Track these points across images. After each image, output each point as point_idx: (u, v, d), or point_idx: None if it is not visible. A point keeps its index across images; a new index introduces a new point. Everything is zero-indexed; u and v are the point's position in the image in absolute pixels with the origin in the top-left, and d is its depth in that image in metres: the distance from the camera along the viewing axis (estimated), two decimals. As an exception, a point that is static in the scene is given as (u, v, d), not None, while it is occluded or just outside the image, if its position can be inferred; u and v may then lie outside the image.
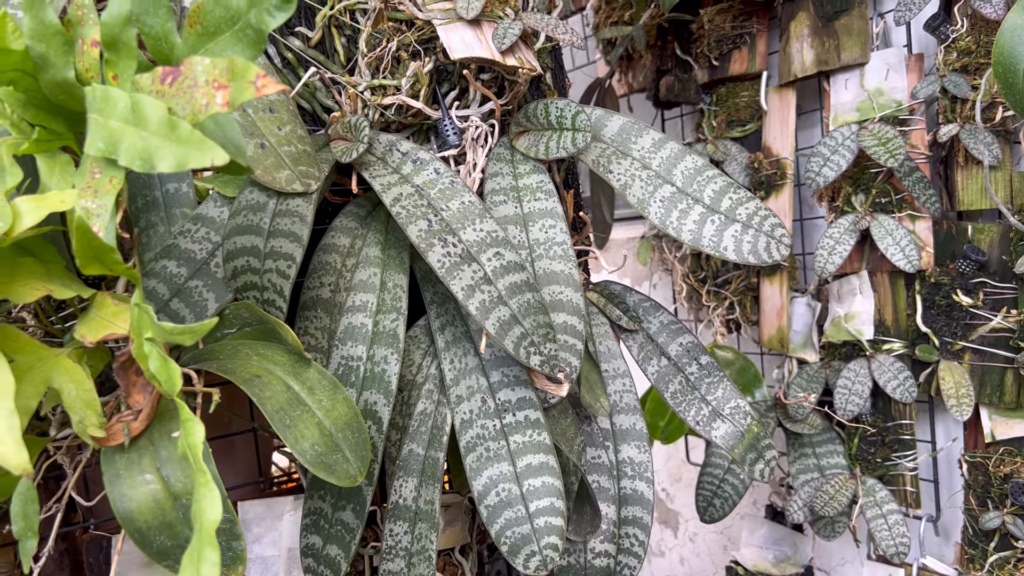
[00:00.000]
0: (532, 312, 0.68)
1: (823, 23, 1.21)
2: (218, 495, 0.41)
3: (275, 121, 0.67)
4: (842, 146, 1.14)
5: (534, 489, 0.71)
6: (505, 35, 0.75)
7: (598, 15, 1.65)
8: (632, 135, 0.81)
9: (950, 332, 1.10)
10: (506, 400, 0.74)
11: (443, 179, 0.72)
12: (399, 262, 0.74)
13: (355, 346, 0.70)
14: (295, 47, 0.78)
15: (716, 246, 0.75)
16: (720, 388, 0.86)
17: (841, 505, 1.14)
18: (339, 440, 0.61)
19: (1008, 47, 0.88)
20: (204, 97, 0.41)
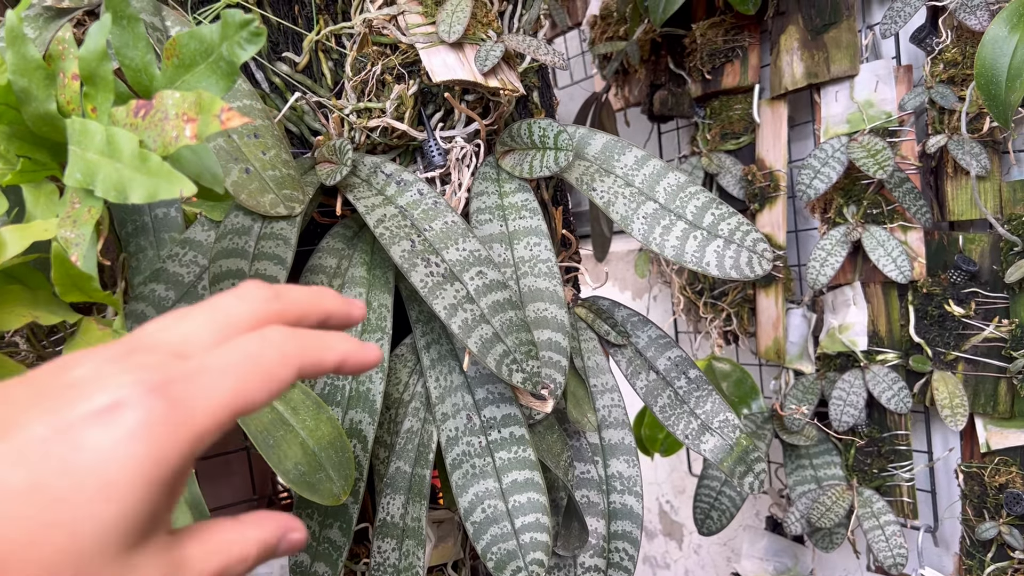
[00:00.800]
0: (515, 330, 0.69)
1: (812, 36, 1.21)
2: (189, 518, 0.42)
3: (260, 146, 0.68)
4: (832, 158, 1.15)
5: (520, 505, 0.72)
6: (487, 57, 0.76)
7: (594, 31, 1.67)
8: (615, 153, 0.82)
9: (943, 342, 1.10)
10: (491, 417, 0.75)
11: (426, 200, 0.73)
12: (384, 282, 0.75)
13: (341, 366, 0.71)
14: (283, 72, 0.80)
15: (699, 261, 0.76)
16: (709, 401, 0.87)
17: (838, 516, 1.14)
18: (322, 459, 0.62)
19: (990, 59, 0.89)
20: (174, 130, 0.42)
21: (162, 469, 0.28)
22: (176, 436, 0.29)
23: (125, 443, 0.27)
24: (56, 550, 0.26)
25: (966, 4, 0.99)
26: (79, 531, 0.27)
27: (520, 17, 0.90)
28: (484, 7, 0.80)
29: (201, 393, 0.30)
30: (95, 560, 0.27)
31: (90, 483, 0.27)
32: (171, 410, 0.28)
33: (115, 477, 0.27)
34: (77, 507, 0.27)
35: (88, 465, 0.27)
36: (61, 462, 0.27)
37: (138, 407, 0.28)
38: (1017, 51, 0.87)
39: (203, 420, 0.29)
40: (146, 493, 0.28)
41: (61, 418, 0.28)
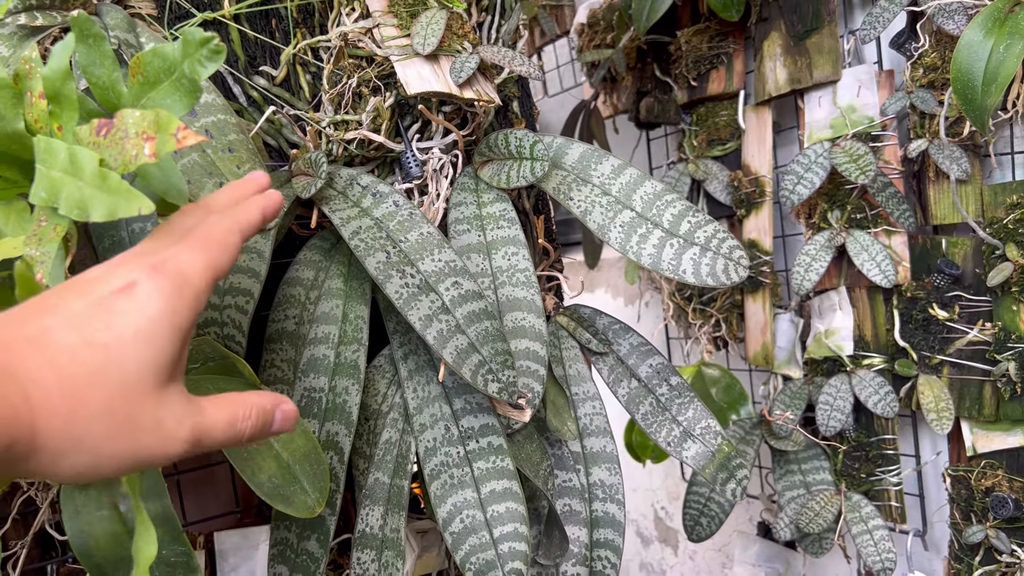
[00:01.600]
0: (490, 340, 0.69)
1: (795, 42, 1.22)
2: (153, 535, 0.42)
3: (234, 160, 0.69)
4: (815, 163, 1.15)
5: (498, 515, 0.72)
6: (462, 69, 0.76)
7: (581, 38, 1.67)
8: (592, 162, 0.82)
9: (928, 346, 1.10)
10: (469, 427, 0.75)
11: (402, 211, 0.73)
12: (361, 293, 0.75)
13: (317, 377, 0.72)
14: (260, 86, 0.80)
15: (675, 269, 0.76)
16: (691, 408, 0.87)
17: (827, 522, 1.14)
18: (297, 472, 0.62)
19: (966, 63, 0.89)
20: (134, 148, 0.43)
21: (177, 319, 0.39)
22: (180, 294, 0.39)
23: (147, 303, 0.38)
24: (111, 381, 0.36)
25: (944, 9, 1.00)
26: (126, 367, 0.37)
27: (499, 28, 0.91)
28: (460, 19, 0.80)
29: (185, 265, 0.41)
30: (138, 389, 0.37)
31: (128, 333, 0.37)
32: (171, 278, 0.39)
33: (145, 327, 0.38)
34: (122, 350, 0.37)
35: (123, 321, 0.37)
36: (102, 322, 0.37)
37: (147, 280, 0.39)
38: (992, 56, 0.87)
39: (195, 281, 0.40)
40: (169, 338, 0.38)
41: (92, 296, 0.38)
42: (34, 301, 0.39)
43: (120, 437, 0.37)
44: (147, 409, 0.37)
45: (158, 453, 0.38)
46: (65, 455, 0.35)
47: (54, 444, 0.35)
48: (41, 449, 0.34)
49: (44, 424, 0.34)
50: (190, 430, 0.39)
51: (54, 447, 0.35)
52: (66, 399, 0.35)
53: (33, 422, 0.34)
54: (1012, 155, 1.03)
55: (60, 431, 0.35)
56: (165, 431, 0.38)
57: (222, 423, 0.41)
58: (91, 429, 0.35)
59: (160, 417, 0.38)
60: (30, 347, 0.35)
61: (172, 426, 0.38)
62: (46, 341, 0.36)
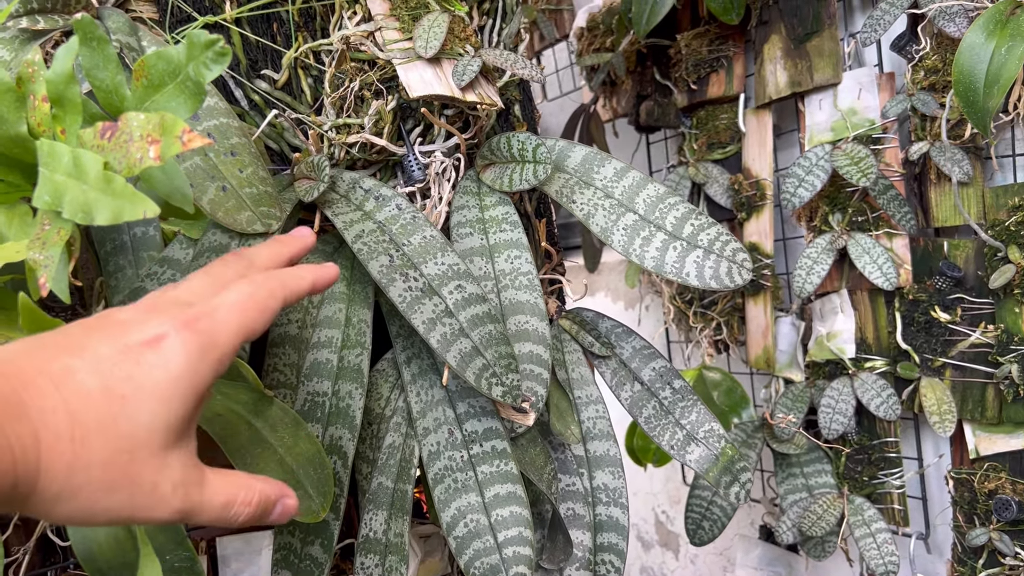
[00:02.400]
0: (494, 343, 0.69)
1: (795, 45, 1.22)
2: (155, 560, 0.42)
3: (237, 164, 0.69)
4: (816, 166, 1.15)
5: (502, 519, 0.72)
6: (464, 72, 0.76)
7: (580, 42, 1.68)
8: (594, 165, 0.82)
9: (930, 349, 1.10)
10: (473, 431, 0.75)
11: (405, 215, 0.73)
12: (364, 297, 0.75)
13: (321, 382, 0.71)
14: (262, 90, 0.80)
15: (679, 272, 0.76)
16: (694, 412, 0.87)
17: (829, 525, 1.14)
18: (301, 477, 0.62)
19: (967, 66, 0.89)
20: (139, 151, 0.43)
21: (198, 379, 0.39)
22: (206, 357, 0.39)
23: (171, 361, 0.38)
24: (120, 435, 0.36)
25: (945, 11, 1.00)
26: (137, 423, 0.36)
27: (500, 31, 0.91)
28: (462, 22, 0.80)
29: (219, 325, 0.40)
30: (145, 447, 0.37)
31: (147, 388, 0.37)
32: (200, 337, 0.39)
33: (165, 386, 0.37)
34: (137, 404, 0.36)
35: (145, 375, 0.37)
36: (125, 372, 0.37)
37: (176, 337, 0.38)
38: (994, 58, 0.87)
39: (223, 343, 0.40)
40: (186, 399, 0.38)
41: (121, 343, 0.38)
42: (62, 335, 0.38)
43: (117, 492, 0.36)
44: (148, 469, 0.37)
45: (148, 516, 0.38)
46: (63, 501, 0.35)
47: (55, 488, 0.35)
48: (42, 492, 0.34)
49: (48, 467, 0.34)
50: (182, 501, 0.39)
51: (55, 491, 0.35)
52: (74, 445, 0.35)
53: (38, 464, 0.34)
54: (1013, 157, 1.03)
55: (62, 476, 0.34)
56: (159, 495, 0.38)
57: (218, 504, 0.41)
58: (91, 479, 0.35)
59: (158, 480, 0.37)
60: (50, 385, 0.35)
61: (167, 491, 0.38)
62: (67, 382, 0.35)
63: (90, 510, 0.36)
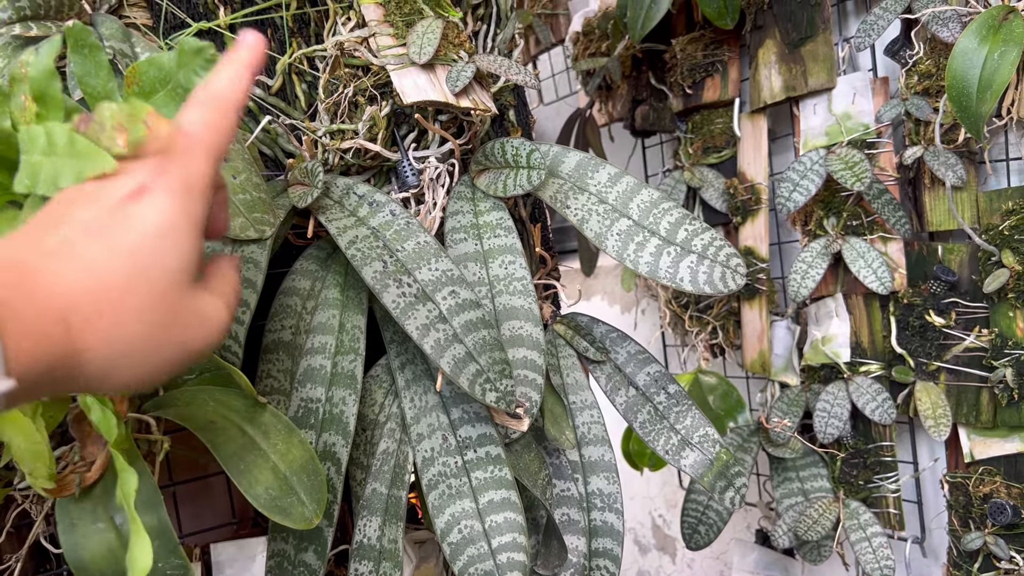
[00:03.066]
0: (488, 349, 0.69)
1: (789, 50, 1.22)
2: (148, 545, 0.41)
3: (230, 170, 0.69)
4: (811, 171, 1.15)
5: (496, 525, 0.72)
6: (458, 78, 0.76)
7: (576, 47, 1.68)
8: (589, 170, 0.82)
9: (925, 353, 1.10)
10: (467, 437, 0.75)
11: (399, 220, 0.73)
12: (357, 303, 0.75)
13: (314, 388, 0.71)
14: (256, 96, 0.80)
15: (672, 277, 0.76)
16: (689, 417, 0.87)
17: (825, 529, 1.14)
18: (294, 483, 0.62)
19: (960, 70, 0.89)
20: (108, 141, 0.42)
21: (191, 215, 0.38)
22: (190, 191, 0.39)
23: (160, 205, 0.37)
24: (146, 286, 0.36)
25: (938, 16, 1.00)
26: (156, 270, 0.36)
27: (494, 37, 0.91)
28: (456, 28, 0.80)
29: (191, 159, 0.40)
30: (173, 288, 0.37)
31: (149, 235, 0.36)
32: (179, 179, 0.38)
33: (166, 228, 0.37)
34: (148, 254, 0.36)
35: (142, 225, 0.36)
36: (122, 229, 0.36)
37: (157, 184, 0.38)
38: (987, 63, 0.88)
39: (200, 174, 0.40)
40: (189, 234, 0.38)
41: (103, 204, 0.37)
42: (40, 217, 0.37)
43: (170, 339, 0.37)
44: (187, 305, 0.38)
45: (208, 342, 0.39)
46: (116, 368, 0.35)
47: (101, 358, 0.34)
48: (87, 365, 0.34)
49: (86, 343, 0.34)
50: (228, 311, 0.41)
51: (101, 362, 0.34)
52: (105, 313, 0.34)
53: (71, 343, 0.33)
54: (1007, 162, 1.03)
55: (105, 346, 0.34)
56: (209, 321, 0.39)
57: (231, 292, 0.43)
58: (138, 337, 0.35)
59: (199, 309, 0.39)
60: (54, 263, 0.34)
61: (212, 313, 0.39)
62: (70, 254, 0.35)
63: (150, 368, 0.37)
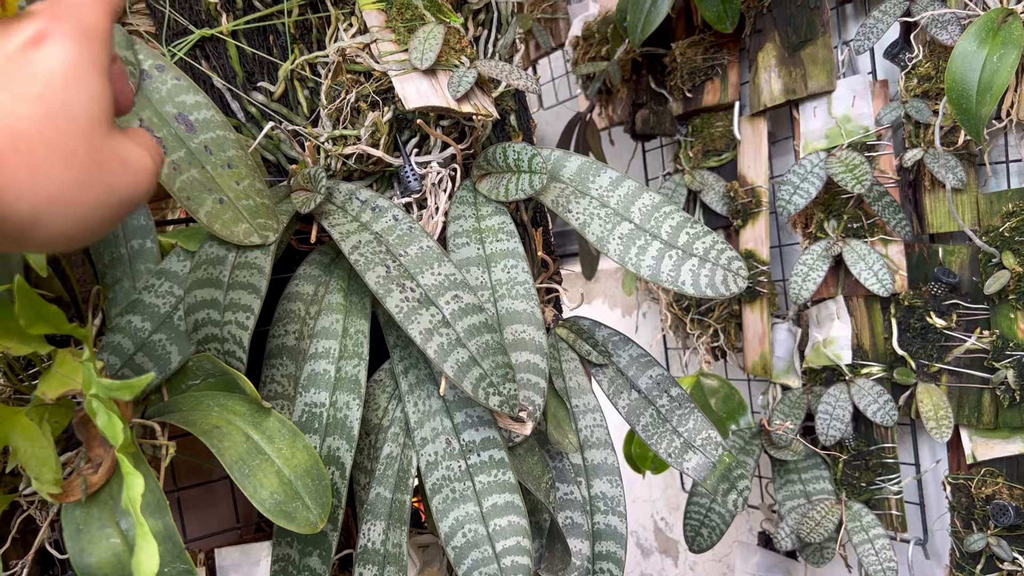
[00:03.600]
0: (491, 353, 0.69)
1: (789, 53, 1.23)
2: (154, 548, 0.42)
3: (233, 176, 0.69)
4: (811, 174, 1.16)
5: (500, 529, 0.72)
6: (460, 83, 0.77)
7: (576, 51, 1.68)
8: (590, 174, 0.82)
9: (926, 354, 1.10)
10: (471, 441, 0.75)
11: (401, 225, 0.73)
12: (361, 308, 0.75)
13: (318, 392, 0.72)
14: (258, 102, 0.81)
15: (674, 280, 0.77)
16: (691, 419, 0.87)
17: (827, 531, 1.14)
18: (299, 488, 0.62)
19: (960, 73, 0.90)
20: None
21: (96, 56, 0.38)
22: (88, 36, 0.38)
23: (62, 50, 0.36)
24: (62, 128, 0.35)
25: (937, 19, 1.00)
26: (70, 112, 0.36)
27: (495, 42, 0.91)
28: (457, 34, 0.81)
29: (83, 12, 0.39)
30: (91, 130, 0.36)
31: (57, 80, 0.36)
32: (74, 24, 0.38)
33: (72, 71, 0.36)
34: (58, 97, 0.35)
35: (47, 70, 0.36)
36: (26, 74, 0.35)
37: (55, 28, 0.37)
38: (986, 65, 0.88)
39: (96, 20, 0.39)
40: (97, 77, 0.37)
41: (3, 53, 0.36)
42: None
43: (93, 182, 0.36)
44: (107, 147, 0.37)
45: (136, 189, 0.38)
46: (44, 215, 0.35)
47: (26, 206, 0.34)
48: (12, 214, 0.34)
49: (6, 187, 0.33)
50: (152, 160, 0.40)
51: (27, 209, 0.34)
52: (21, 156, 0.34)
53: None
54: (1007, 164, 1.04)
55: (26, 191, 0.34)
56: (133, 165, 0.38)
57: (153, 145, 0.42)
58: (60, 180, 0.35)
59: (122, 153, 0.38)
60: None
61: (135, 159, 0.39)
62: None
63: (79, 216, 0.36)
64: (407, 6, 0.80)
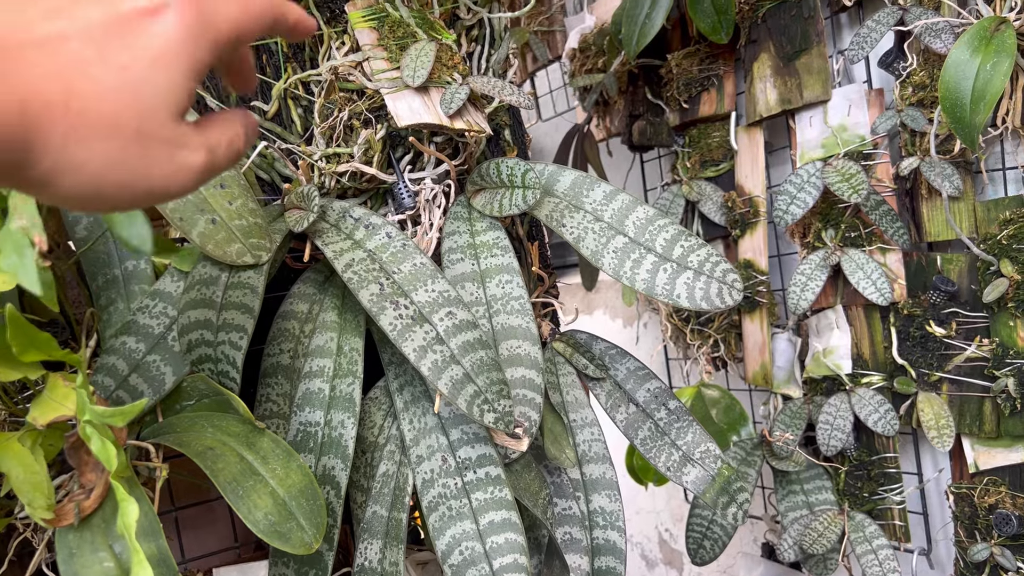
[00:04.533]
0: (485, 369, 0.69)
1: (784, 63, 1.23)
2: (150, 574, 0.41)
3: (226, 196, 0.69)
4: (808, 183, 1.16)
5: (497, 546, 0.72)
6: (452, 100, 0.77)
7: (573, 63, 1.68)
8: (584, 189, 0.82)
9: (926, 363, 1.10)
10: (467, 458, 0.75)
11: (395, 242, 0.73)
12: (355, 326, 0.75)
13: (313, 411, 0.71)
14: (252, 120, 0.81)
15: (669, 294, 0.77)
16: (690, 432, 0.87)
17: (830, 542, 1.13)
18: (293, 508, 0.62)
19: (953, 82, 0.90)
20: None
21: (195, 57, 0.37)
22: (204, 34, 0.37)
23: (170, 31, 0.36)
24: (123, 105, 0.34)
25: (931, 28, 1.00)
26: (140, 91, 0.35)
27: (488, 57, 0.92)
28: (449, 50, 0.81)
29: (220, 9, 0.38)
30: (152, 116, 0.35)
31: (146, 56, 0.35)
32: (200, 15, 0.37)
33: (165, 55, 0.35)
34: (138, 73, 0.34)
35: (144, 44, 0.35)
36: (123, 40, 0.34)
37: (177, 9, 0.36)
38: (980, 74, 0.88)
39: (221, 27, 0.38)
40: (187, 73, 0.37)
41: (115, 10, 0.35)
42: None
43: (128, 163, 0.35)
44: (159, 137, 0.36)
45: (175, 185, 0.37)
46: (66, 173, 0.34)
47: (49, 162, 0.33)
48: (35, 164, 0.33)
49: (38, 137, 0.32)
50: (205, 155, 0.38)
51: (52, 161, 0.33)
52: (69, 116, 0.33)
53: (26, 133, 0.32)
54: (1003, 171, 1.04)
55: (56, 148, 0.33)
56: (180, 160, 0.37)
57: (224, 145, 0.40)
58: (94, 150, 0.34)
59: (174, 149, 0.37)
60: (39, 54, 0.33)
61: (187, 154, 0.37)
62: (60, 49, 0.33)
63: (98, 187, 0.35)
64: (399, 24, 0.80)
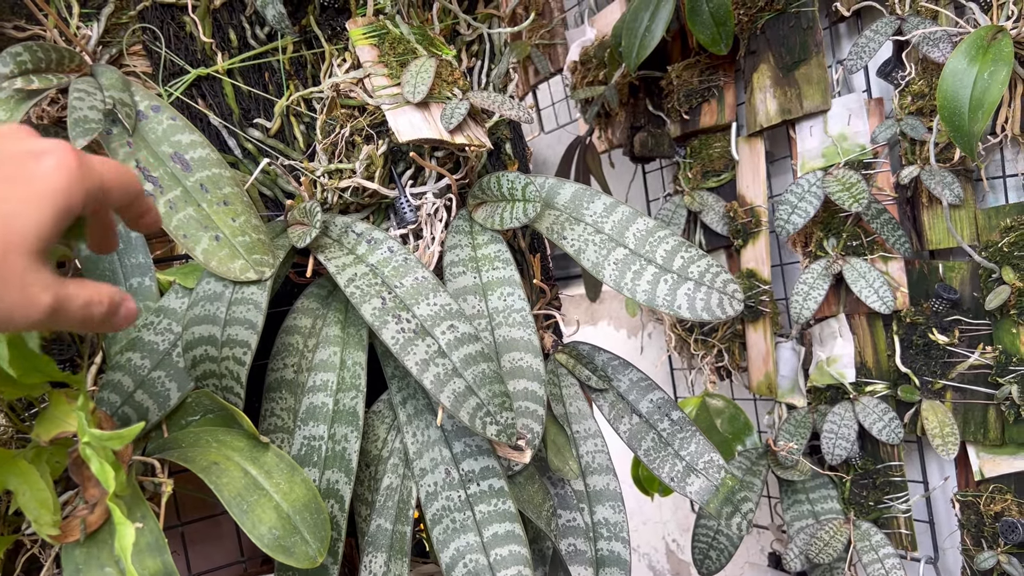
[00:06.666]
0: (487, 382, 0.70)
1: (784, 73, 1.23)
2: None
3: (230, 213, 0.70)
4: (808, 193, 1.16)
5: (501, 558, 0.72)
6: (452, 116, 0.78)
7: (574, 76, 1.69)
8: (584, 201, 0.83)
9: (930, 371, 1.10)
10: (470, 470, 0.75)
11: (397, 257, 0.74)
12: (358, 340, 0.76)
13: (317, 426, 0.72)
14: (255, 138, 0.82)
15: (670, 305, 0.77)
16: (693, 443, 0.87)
17: (836, 551, 1.13)
18: (297, 522, 0.62)
19: (951, 90, 0.90)
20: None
21: (70, 200, 0.41)
22: (81, 181, 0.41)
23: (51, 174, 0.40)
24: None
25: (928, 37, 1.01)
26: (11, 223, 0.38)
27: (489, 72, 0.93)
28: (449, 66, 0.82)
29: (97, 163, 0.43)
30: (17, 249, 0.38)
31: (23, 192, 0.39)
32: (81, 165, 0.41)
33: (42, 193, 0.39)
34: (13, 207, 0.38)
35: (25, 180, 0.39)
36: (6, 175, 0.39)
37: (62, 156, 0.41)
38: (978, 82, 0.88)
39: (97, 178, 0.43)
40: (58, 215, 0.40)
41: (5, 148, 0.40)
42: None
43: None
44: (18, 268, 0.38)
45: (19, 315, 0.39)
46: None
47: None
48: None
49: None
50: (53, 297, 0.40)
51: None
52: None
53: None
54: (1004, 179, 1.04)
55: None
56: (30, 294, 0.39)
57: (80, 303, 0.42)
58: None
59: (29, 280, 0.39)
60: None
61: (37, 291, 0.39)
62: None
63: None
64: (400, 40, 0.81)
